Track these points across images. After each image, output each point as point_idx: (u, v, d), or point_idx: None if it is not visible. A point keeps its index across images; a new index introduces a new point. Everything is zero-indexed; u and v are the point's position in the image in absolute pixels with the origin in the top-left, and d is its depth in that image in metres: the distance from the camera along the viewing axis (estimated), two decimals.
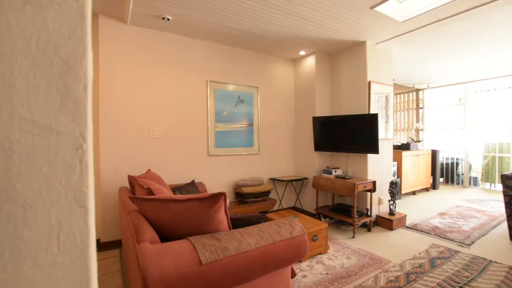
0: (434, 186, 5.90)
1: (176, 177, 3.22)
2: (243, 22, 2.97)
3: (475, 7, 2.72)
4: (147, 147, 3.03)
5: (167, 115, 3.18)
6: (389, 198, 3.54)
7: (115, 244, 2.84)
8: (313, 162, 3.91)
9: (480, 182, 6.23)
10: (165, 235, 1.47)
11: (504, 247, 2.85)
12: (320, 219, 3.60)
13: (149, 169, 2.67)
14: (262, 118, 3.96)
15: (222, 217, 1.50)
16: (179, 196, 1.45)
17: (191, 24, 3.01)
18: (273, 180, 3.93)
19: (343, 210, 3.41)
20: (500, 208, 4.17)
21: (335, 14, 2.84)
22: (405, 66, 5.01)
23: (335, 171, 3.55)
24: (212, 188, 3.39)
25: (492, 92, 6.20)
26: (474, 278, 2.21)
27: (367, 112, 3.49)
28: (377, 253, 2.69)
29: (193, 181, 2.95)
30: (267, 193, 3.56)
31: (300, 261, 2.51)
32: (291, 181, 3.84)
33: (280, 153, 4.16)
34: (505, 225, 3.41)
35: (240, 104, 3.70)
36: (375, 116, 3.25)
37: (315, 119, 3.81)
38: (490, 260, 2.52)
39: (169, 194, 1.92)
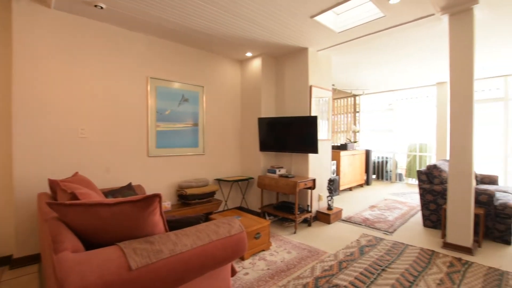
0: (367, 182, 6.57)
1: (110, 180, 2.96)
2: (187, 19, 2.90)
3: (394, 26, 3.13)
4: (74, 148, 2.73)
5: (100, 112, 2.91)
6: (328, 194, 3.82)
7: (33, 259, 2.49)
8: (258, 162, 4.01)
9: (404, 177, 7.16)
10: (94, 243, 1.35)
11: (418, 232, 3.32)
12: (265, 218, 3.71)
13: (77, 172, 2.40)
14: (208, 118, 3.91)
15: (157, 220, 1.43)
16: (108, 200, 1.35)
17: (129, 16, 2.82)
18: (219, 180, 3.91)
19: (287, 207, 3.57)
20: (417, 199, 4.85)
21: (278, 19, 2.96)
22: (344, 73, 5.49)
23: (279, 171, 3.70)
24: (151, 191, 3.22)
25: (415, 99, 7.20)
26: (394, 261, 2.53)
27: (308, 114, 3.72)
28: (315, 245, 2.88)
29: (130, 184, 2.75)
30: (212, 194, 3.53)
31: (243, 259, 2.54)
32: (237, 181, 3.87)
33: (226, 153, 4.16)
34: (420, 213, 3.97)
35: (184, 103, 3.59)
36: (315, 118, 3.48)
37: (260, 120, 3.91)
38: (407, 244, 2.92)
39: (99, 198, 1.76)
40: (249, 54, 4.07)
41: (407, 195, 5.34)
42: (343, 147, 5.80)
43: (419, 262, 2.50)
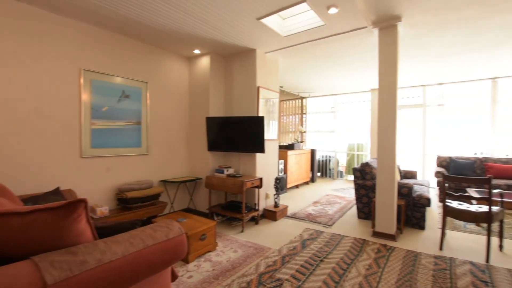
0: (312, 179, 7.00)
1: (33, 185, 2.60)
2: (124, 8, 2.69)
3: (334, 35, 3.38)
4: None
5: (19, 107, 2.53)
6: (275, 192, 3.95)
7: None
8: (206, 162, 3.95)
9: (344, 174, 7.81)
10: (5, 259, 1.16)
11: (353, 223, 3.66)
12: (213, 218, 3.68)
13: None
14: (153, 116, 3.70)
15: (83, 228, 1.31)
16: (20, 208, 1.18)
17: None
18: (164, 182, 3.74)
19: (235, 207, 3.59)
20: (354, 194, 5.35)
21: (226, 19, 2.96)
22: (292, 76, 5.74)
23: (227, 170, 3.71)
24: (85, 195, 2.91)
25: (354, 103, 7.91)
26: (331, 251, 2.74)
27: (256, 115, 3.80)
28: (261, 242, 2.96)
29: (58, 188, 2.45)
30: (156, 196, 3.36)
31: (187, 262, 2.48)
32: (184, 182, 3.76)
33: (173, 153, 4.00)
34: (355, 206, 4.38)
35: (125, 100, 3.34)
36: (262, 119, 3.57)
37: (208, 119, 3.86)
38: (343, 235, 3.19)
39: (10, 206, 1.53)
40: (197, 51, 3.98)
41: (346, 191, 5.84)
42: (291, 146, 6.07)
43: (352, 251, 2.76)
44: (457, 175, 4.86)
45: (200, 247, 2.59)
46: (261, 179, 3.64)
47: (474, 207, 2.79)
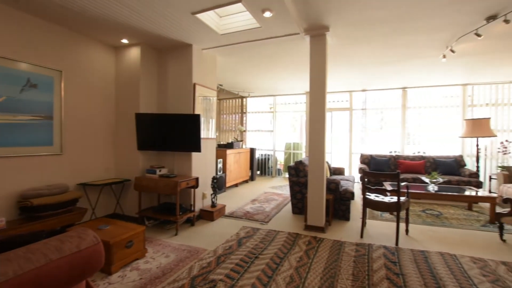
0: (252, 178, 7.12)
1: None
2: None
3: (269, 38, 3.46)
4: None
5: None
6: (212, 192, 3.87)
7: None
8: (136, 162, 3.63)
9: (282, 172, 8.17)
10: None
11: (288, 219, 3.83)
12: (144, 223, 3.40)
13: None
14: (69, 110, 3.21)
15: None
16: None
17: None
18: (84, 185, 3.29)
19: (169, 209, 3.38)
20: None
21: (157, 9, 2.75)
22: (231, 75, 5.72)
23: (160, 171, 3.47)
24: None
25: (292, 105, 8.34)
26: (266, 247, 2.80)
27: (192, 113, 3.65)
28: (196, 244, 2.85)
29: None
30: (72, 202, 2.92)
31: (110, 273, 2.22)
32: (109, 184, 3.37)
33: (95, 153, 3.55)
34: (290, 202, 4.60)
35: (31, 90, 2.81)
36: (198, 117, 3.45)
37: (139, 116, 3.55)
38: (279, 231, 3.30)
39: None
40: (125, 41, 3.62)
41: (283, 188, 6.11)
42: (230, 145, 6.05)
43: (286, 245, 2.87)
44: (375, 171, 5.53)
45: (126, 256, 2.34)
46: (197, 179, 3.51)
47: (387, 198, 3.21)
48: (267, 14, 2.82)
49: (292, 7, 2.77)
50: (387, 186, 4.21)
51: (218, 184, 5.13)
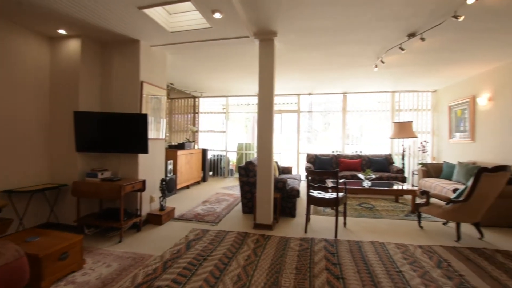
0: (204, 179, 7.03)
1: None
2: None
3: (220, 39, 3.49)
4: None
5: None
6: (160, 195, 3.73)
7: None
8: (74, 165, 3.31)
9: (234, 172, 8.24)
10: None
11: (239, 218, 3.90)
12: (83, 231, 3.13)
13: None
14: None
15: None
16: None
17: None
18: (9, 192, 2.89)
19: (112, 214, 3.17)
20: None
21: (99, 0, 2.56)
22: (183, 74, 5.56)
23: (102, 174, 3.23)
24: None
25: (244, 106, 8.45)
26: (215, 248, 2.82)
27: (138, 112, 3.48)
28: (142, 251, 2.73)
29: None
30: None
31: None
32: (41, 190, 3.02)
33: (23, 155, 3.14)
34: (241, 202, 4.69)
35: None
36: (145, 116, 3.30)
37: (78, 115, 3.24)
38: (228, 231, 3.35)
39: None
40: (62, 32, 3.28)
41: (235, 188, 6.18)
42: (181, 146, 5.89)
43: (235, 244, 2.94)
44: (319, 170, 5.95)
45: (59, 269, 2.14)
46: (144, 182, 3.35)
47: (328, 195, 3.50)
48: (217, 15, 2.84)
49: (241, 10, 2.84)
50: (329, 183, 4.58)
51: (168, 186, 4.96)
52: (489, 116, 4.92)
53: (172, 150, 5.59)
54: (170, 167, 5.22)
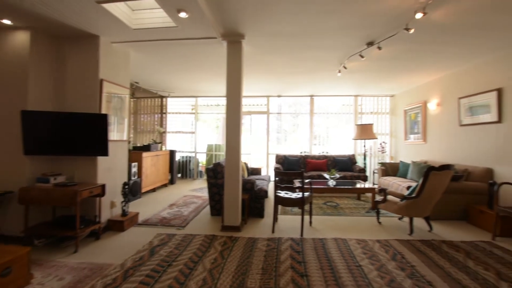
0: (172, 181, 6.82)
1: None
2: None
3: (187, 38, 3.41)
4: None
5: None
6: (122, 199, 3.55)
7: None
8: (21, 170, 3.01)
9: (204, 174, 8.10)
10: None
11: (207, 221, 3.84)
12: (32, 242, 2.86)
13: None
14: None
15: None
16: None
17: None
18: None
19: (67, 223, 2.94)
20: None
21: None
22: (149, 73, 5.34)
23: (55, 179, 2.98)
24: None
25: (214, 107, 8.35)
26: (181, 253, 2.75)
27: (98, 112, 3.27)
28: (101, 260, 2.57)
29: None
30: None
31: None
32: None
33: None
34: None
35: None
36: (105, 117, 3.12)
37: (27, 114, 2.96)
38: (195, 234, 3.29)
39: None
40: (7, 22, 2.97)
41: (204, 190, 6.07)
42: (147, 148, 5.66)
43: (201, 248, 2.89)
44: (288, 170, 6.09)
45: (0, 287, 1.93)
46: (103, 186, 3.16)
47: (295, 195, 3.59)
48: (183, 14, 2.78)
49: (208, 11, 2.81)
50: (296, 183, 4.71)
51: (132, 190, 4.74)
52: (437, 119, 5.42)
53: (137, 152, 5.34)
54: (134, 169, 4.98)
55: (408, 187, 3.94)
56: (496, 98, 3.95)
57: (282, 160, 6.72)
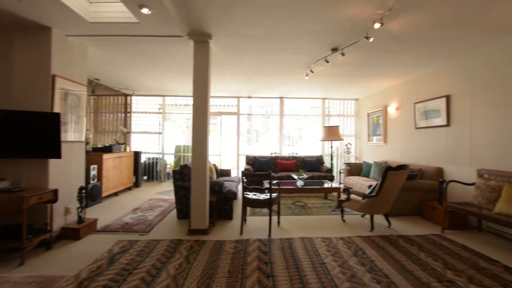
0: (137, 184, 6.51)
1: None
2: None
3: (150, 36, 3.27)
4: None
5: None
6: (79, 205, 3.29)
7: None
8: None
9: (171, 176, 7.82)
10: None
11: (173, 225, 3.71)
12: None
13: None
14: None
15: None
16: None
17: None
18: None
19: (12, 232, 2.64)
20: None
21: None
22: (111, 69, 5.03)
23: None
24: None
25: (182, 107, 8.12)
26: (143, 260, 2.62)
27: (49, 110, 3.00)
28: (52, 272, 2.36)
29: None
30: None
31: None
32: None
33: None
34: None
35: None
36: (57, 116, 2.88)
37: None
38: (160, 240, 3.15)
39: None
40: None
41: (171, 193, 5.85)
42: (108, 149, 5.33)
43: (166, 254, 2.78)
44: (258, 171, 6.11)
45: None
46: (55, 191, 2.90)
47: (263, 196, 3.61)
48: (145, 10, 2.65)
49: (172, 9, 2.72)
50: (266, 184, 4.74)
51: (91, 195, 4.43)
52: (396, 123, 5.81)
53: (97, 153, 5.01)
54: (93, 172, 4.66)
55: (370, 186, 4.15)
56: (445, 103, 4.33)
57: (253, 161, 6.74)
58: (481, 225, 3.59)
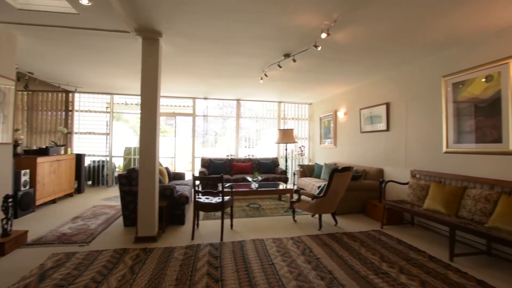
0: (79, 190, 5.94)
1: None
2: None
3: (91, 29, 3.02)
4: None
5: None
6: (4, 216, 2.89)
7: None
8: None
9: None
10: None
11: (118, 234, 3.46)
12: None
13: None
14: None
15: None
16: None
17: None
18: None
19: None
20: None
21: None
22: (47, 62, 4.50)
23: None
24: None
25: (134, 105, 7.64)
26: (81, 273, 2.39)
27: None
28: None
29: None
30: None
31: None
32: None
33: None
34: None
35: None
36: None
37: None
38: (102, 250, 2.92)
39: None
40: None
41: (118, 198, 5.45)
42: (44, 151, 4.78)
43: (108, 265, 2.58)
44: (213, 174, 6.04)
45: None
46: None
47: (215, 199, 3.57)
48: (85, 1, 2.45)
49: (116, 2, 2.54)
50: (219, 187, 4.70)
51: (21, 204, 3.92)
52: (345, 127, 6.24)
53: (30, 156, 4.45)
54: (25, 178, 4.13)
55: (319, 187, 4.39)
56: (385, 110, 4.78)
57: (208, 164, 6.63)
58: (414, 220, 4.04)
